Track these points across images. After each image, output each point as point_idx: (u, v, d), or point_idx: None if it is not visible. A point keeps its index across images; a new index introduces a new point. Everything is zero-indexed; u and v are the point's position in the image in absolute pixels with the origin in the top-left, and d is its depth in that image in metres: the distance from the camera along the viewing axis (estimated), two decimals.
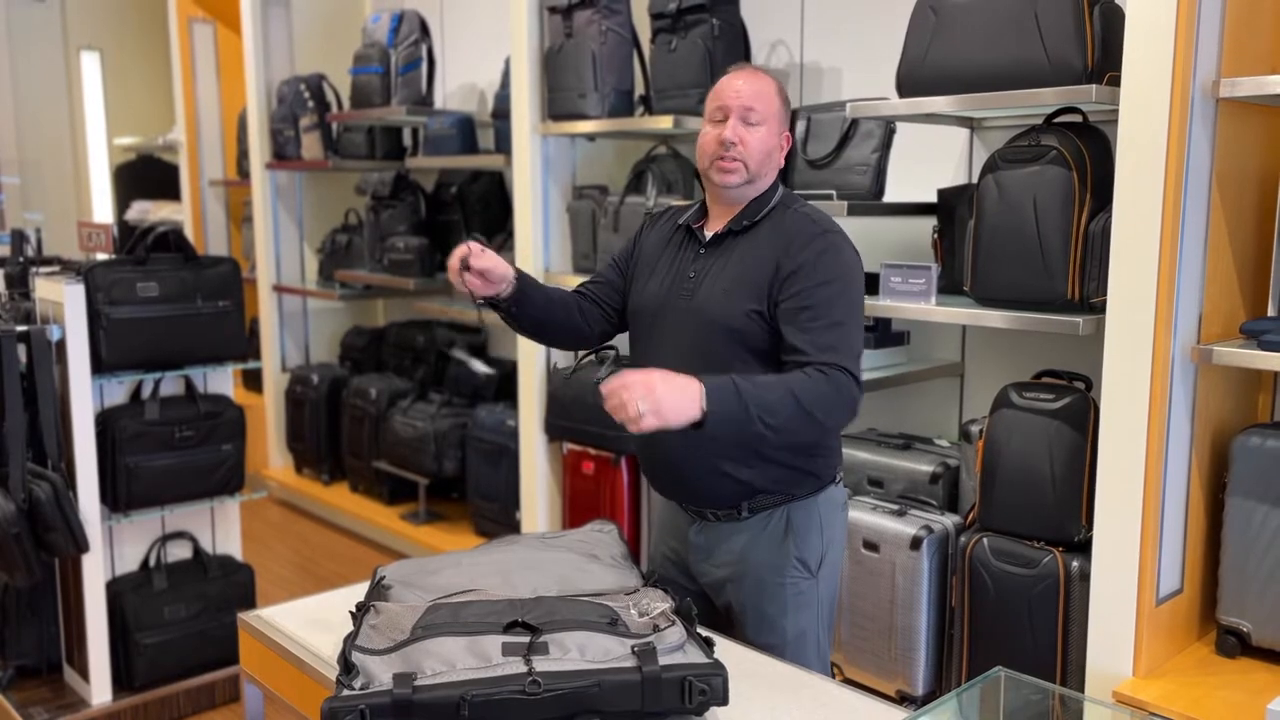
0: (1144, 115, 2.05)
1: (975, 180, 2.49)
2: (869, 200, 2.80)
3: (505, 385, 4.51)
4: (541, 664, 1.48)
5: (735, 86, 1.92)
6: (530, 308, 2.03)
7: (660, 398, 1.63)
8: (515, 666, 1.47)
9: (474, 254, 1.92)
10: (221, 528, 3.33)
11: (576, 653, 1.51)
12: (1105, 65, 2.25)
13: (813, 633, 2.00)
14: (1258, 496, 2.17)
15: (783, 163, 1.99)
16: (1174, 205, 2.05)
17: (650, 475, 2.06)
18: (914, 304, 2.57)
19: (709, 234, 1.98)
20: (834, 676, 1.69)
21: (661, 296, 1.99)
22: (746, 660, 1.77)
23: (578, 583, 1.77)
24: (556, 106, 3.55)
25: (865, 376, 2.82)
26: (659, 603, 1.67)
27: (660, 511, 2.14)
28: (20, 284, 3.23)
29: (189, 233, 6.00)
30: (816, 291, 1.83)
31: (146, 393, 3.08)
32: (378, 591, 1.78)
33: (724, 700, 1.52)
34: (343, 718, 1.42)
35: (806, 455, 1.95)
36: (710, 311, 1.91)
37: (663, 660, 1.50)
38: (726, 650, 1.78)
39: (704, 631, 1.71)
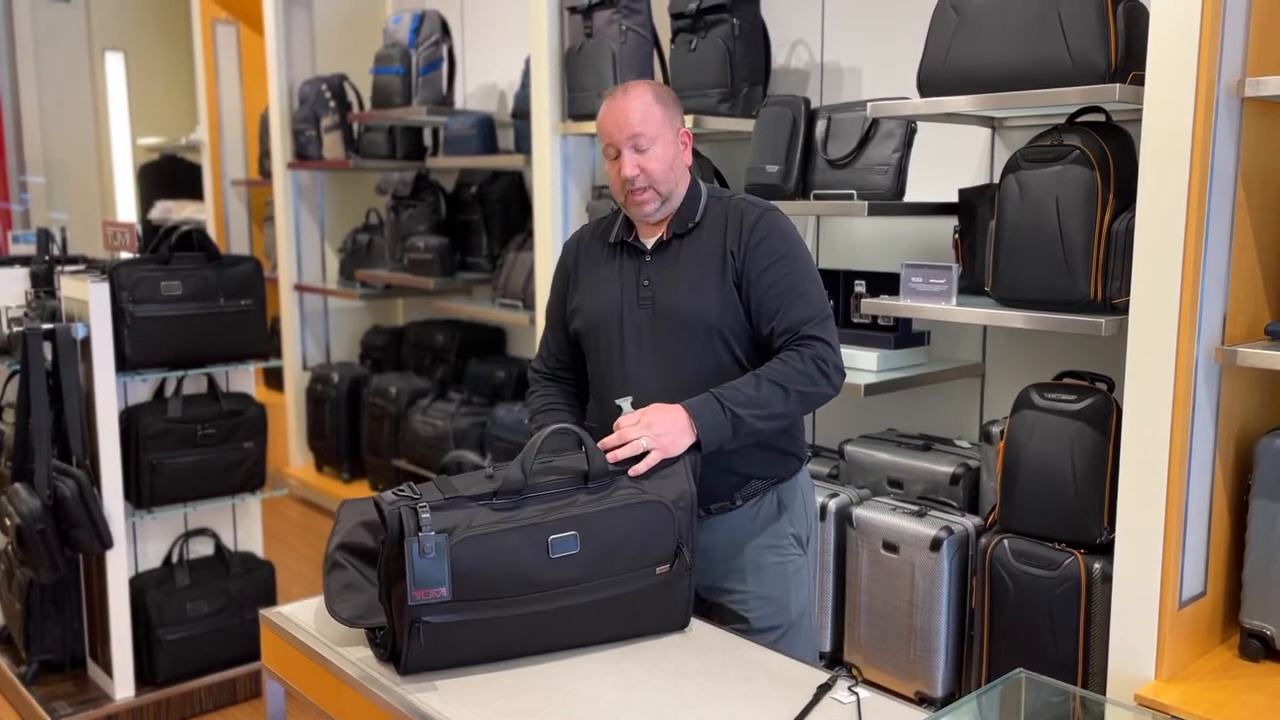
0: (1168, 114, 2.03)
1: (997, 180, 2.47)
2: (890, 200, 2.80)
3: (524, 384, 4.52)
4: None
5: (615, 118, 1.93)
6: None
7: (660, 432, 1.76)
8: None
9: None
10: (243, 525, 3.36)
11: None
12: (1129, 64, 2.23)
13: (810, 612, 2.07)
14: None
15: (690, 159, 2.03)
16: (1198, 205, 2.03)
17: None
18: (935, 304, 2.57)
19: (649, 242, 2.00)
20: (853, 677, 1.68)
21: (618, 307, 2.00)
22: (760, 658, 1.77)
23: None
24: (576, 106, 3.56)
25: (886, 377, 2.84)
26: None
27: None
28: (46, 282, 3.26)
29: (211, 232, 6.04)
30: (774, 269, 1.91)
31: (169, 391, 3.10)
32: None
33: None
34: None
35: (787, 436, 2.01)
36: (680, 311, 1.94)
37: None
38: (740, 650, 1.78)
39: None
